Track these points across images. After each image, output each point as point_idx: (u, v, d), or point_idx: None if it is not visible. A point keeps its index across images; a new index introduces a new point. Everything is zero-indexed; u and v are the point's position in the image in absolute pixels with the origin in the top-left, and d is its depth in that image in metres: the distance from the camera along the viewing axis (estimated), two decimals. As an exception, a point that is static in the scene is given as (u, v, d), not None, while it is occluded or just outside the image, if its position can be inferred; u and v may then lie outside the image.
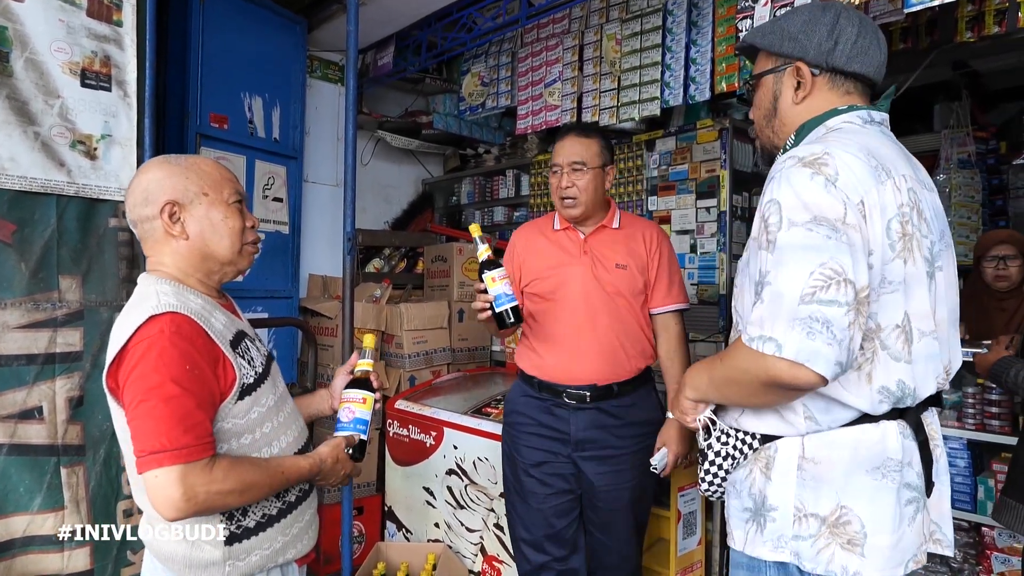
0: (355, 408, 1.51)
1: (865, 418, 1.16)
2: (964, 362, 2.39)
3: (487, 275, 1.84)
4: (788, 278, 1.04)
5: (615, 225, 2.18)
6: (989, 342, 2.19)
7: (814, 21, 1.23)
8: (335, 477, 1.45)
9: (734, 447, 1.27)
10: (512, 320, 1.83)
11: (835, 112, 1.23)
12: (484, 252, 1.85)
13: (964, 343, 2.58)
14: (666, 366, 2.19)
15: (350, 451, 1.47)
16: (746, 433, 1.26)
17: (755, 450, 1.24)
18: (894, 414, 1.16)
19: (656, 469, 1.99)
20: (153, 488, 1.14)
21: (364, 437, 1.51)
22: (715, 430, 1.30)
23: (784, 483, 1.17)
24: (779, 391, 1.10)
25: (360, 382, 1.56)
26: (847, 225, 1.05)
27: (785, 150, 1.25)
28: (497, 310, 1.84)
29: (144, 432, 1.14)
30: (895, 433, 1.16)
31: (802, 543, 1.15)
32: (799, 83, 1.25)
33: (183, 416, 1.15)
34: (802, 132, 1.25)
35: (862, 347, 1.12)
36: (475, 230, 1.90)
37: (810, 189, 1.07)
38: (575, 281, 2.11)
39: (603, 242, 2.15)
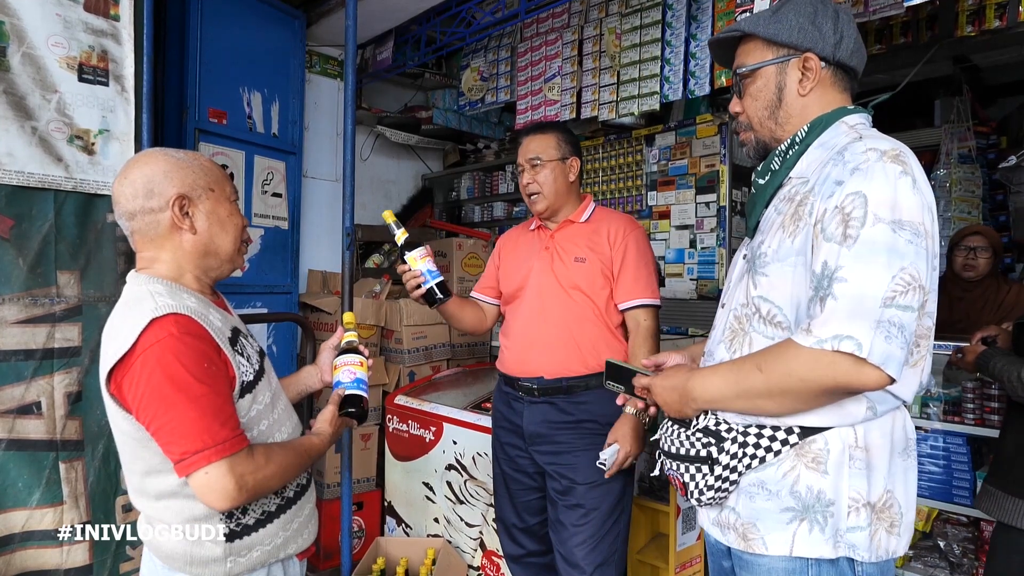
0: (355, 369, 1.57)
1: None
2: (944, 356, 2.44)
3: (409, 255, 1.94)
4: (872, 278, 1.03)
5: (583, 219, 2.17)
6: (964, 346, 2.22)
7: (821, 14, 1.23)
8: (335, 440, 1.51)
9: (756, 446, 1.19)
10: (440, 296, 1.95)
11: (846, 111, 1.24)
12: (401, 236, 1.95)
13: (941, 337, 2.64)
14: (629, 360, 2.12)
15: (353, 410, 1.52)
16: (775, 429, 1.18)
17: (792, 445, 1.16)
18: None
19: (604, 466, 1.93)
20: (205, 485, 1.15)
21: (366, 395, 1.56)
22: (740, 435, 1.21)
23: (840, 475, 1.14)
24: (833, 396, 1.10)
25: (350, 350, 1.60)
26: (926, 231, 1.06)
27: (795, 142, 1.25)
28: (425, 287, 1.94)
29: (181, 435, 1.14)
30: (908, 415, 1.22)
31: (858, 534, 1.13)
32: (803, 75, 1.24)
33: (216, 411, 1.17)
34: (816, 127, 1.23)
35: (919, 345, 1.14)
36: (388, 216, 1.98)
37: (899, 188, 1.05)
38: (533, 276, 2.15)
39: (567, 237, 2.15)
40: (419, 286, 1.96)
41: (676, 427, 1.29)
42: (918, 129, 4.10)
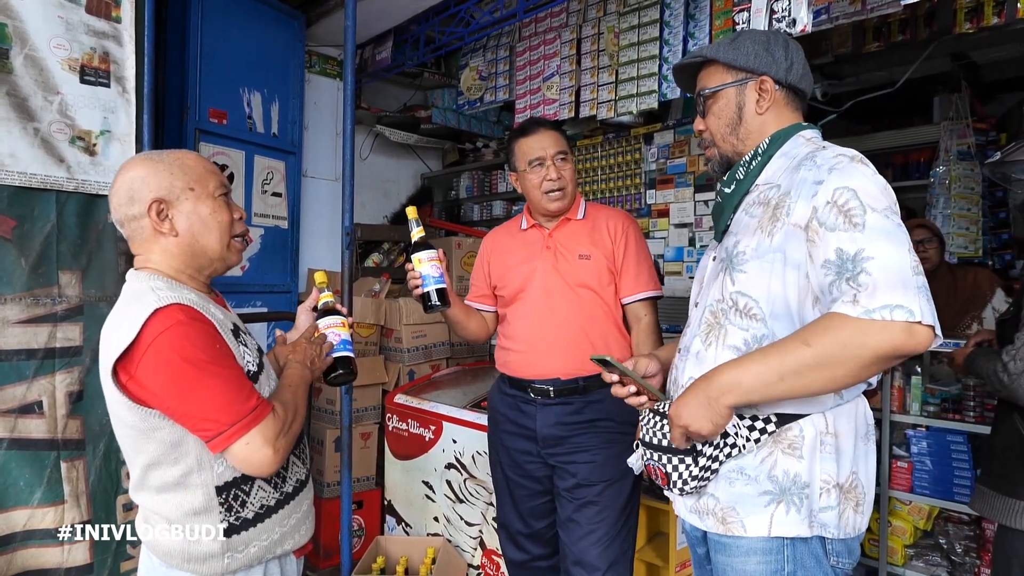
0: (339, 331, 1.59)
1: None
2: (940, 354, 2.45)
3: (415, 256, 1.92)
4: (896, 253, 1.10)
5: (580, 216, 2.15)
6: (955, 350, 2.26)
7: (773, 42, 1.37)
8: (318, 359, 1.52)
9: (736, 435, 1.26)
10: (435, 302, 1.91)
11: (801, 127, 1.37)
12: (417, 234, 1.94)
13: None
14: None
15: (343, 372, 1.57)
16: (753, 419, 1.26)
17: (770, 433, 1.25)
18: None
19: (635, 471, 1.96)
20: (246, 455, 1.22)
21: (352, 354, 1.60)
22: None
23: (813, 459, 1.23)
24: (886, 361, 1.11)
25: (329, 311, 1.62)
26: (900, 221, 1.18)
27: (757, 154, 1.36)
28: (423, 290, 1.91)
29: (214, 410, 1.19)
30: (868, 404, 1.33)
31: (829, 513, 1.23)
32: (760, 96, 1.37)
33: (239, 385, 1.22)
34: (777, 139, 1.35)
35: None
36: (411, 213, 1.96)
37: (878, 183, 1.17)
38: (537, 276, 2.11)
39: (567, 234, 2.13)
40: (417, 287, 1.94)
41: (657, 418, 1.34)
42: (917, 126, 4.10)
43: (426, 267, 1.91)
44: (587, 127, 4.27)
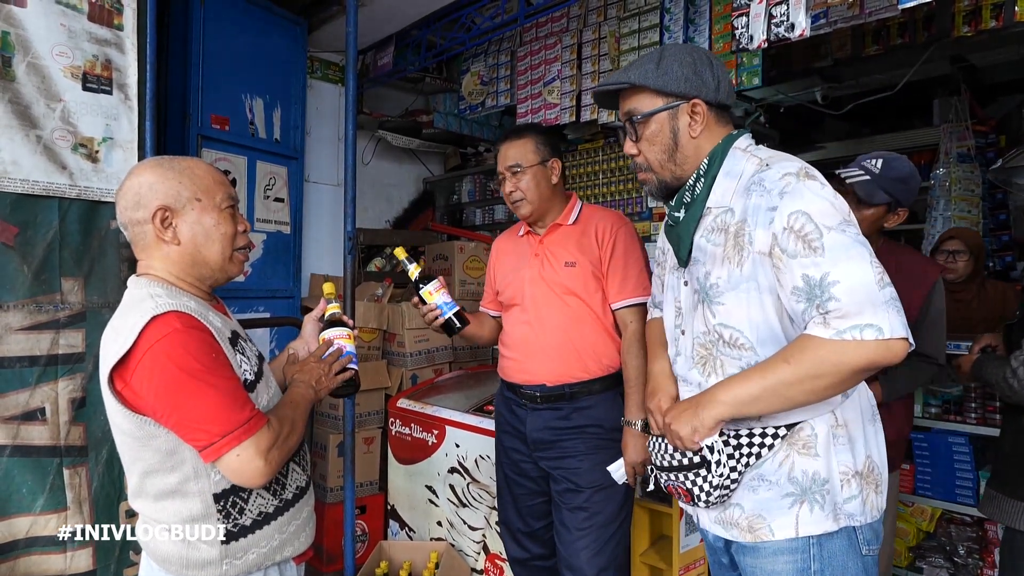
0: (344, 343, 1.60)
1: None
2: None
3: (423, 291, 1.97)
4: (857, 271, 1.13)
5: (571, 221, 2.15)
6: (961, 355, 2.23)
7: (699, 64, 1.36)
8: (326, 378, 1.51)
9: (750, 444, 1.29)
10: (459, 326, 1.99)
11: (732, 137, 1.38)
12: (415, 271, 1.99)
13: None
14: (622, 367, 2.11)
15: (344, 384, 1.57)
16: (765, 426, 1.28)
17: (782, 437, 1.27)
18: None
19: (616, 480, 1.98)
20: (237, 466, 1.21)
21: (356, 367, 1.61)
22: (732, 439, 1.30)
23: (829, 454, 1.26)
24: (864, 373, 1.17)
25: (335, 323, 1.62)
26: (856, 224, 1.19)
27: (700, 175, 1.36)
28: (443, 319, 1.98)
29: (206, 420, 1.18)
30: (865, 384, 1.36)
31: (853, 503, 1.26)
32: (692, 119, 1.36)
33: (234, 395, 1.22)
34: (715, 156, 1.35)
35: None
36: (400, 253, 2.01)
37: (827, 196, 1.19)
38: (526, 284, 2.14)
39: (556, 241, 2.14)
40: (437, 318, 1.99)
41: (663, 441, 1.37)
42: (917, 129, 4.10)
43: (438, 297, 1.98)
44: (588, 131, 4.28)
